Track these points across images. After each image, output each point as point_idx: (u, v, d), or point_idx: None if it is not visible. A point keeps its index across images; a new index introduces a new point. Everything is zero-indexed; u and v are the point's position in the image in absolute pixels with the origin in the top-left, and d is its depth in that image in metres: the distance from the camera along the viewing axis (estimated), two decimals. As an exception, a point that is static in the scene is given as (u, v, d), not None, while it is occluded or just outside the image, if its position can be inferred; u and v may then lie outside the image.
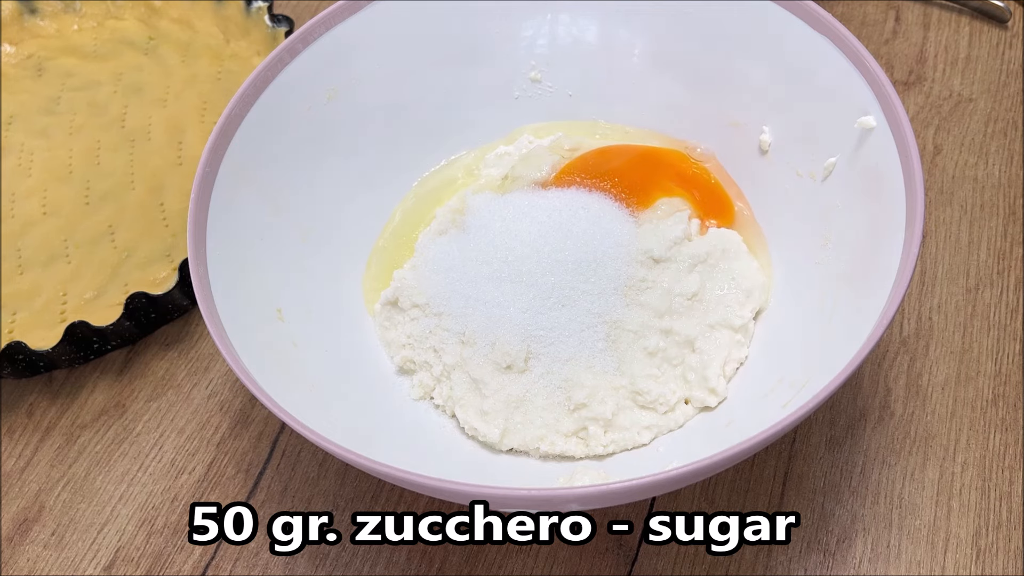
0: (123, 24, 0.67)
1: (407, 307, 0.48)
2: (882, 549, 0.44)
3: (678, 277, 0.46)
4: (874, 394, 0.47)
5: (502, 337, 0.44)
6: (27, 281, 0.55)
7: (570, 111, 0.54)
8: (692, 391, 0.44)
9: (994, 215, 0.53)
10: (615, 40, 0.52)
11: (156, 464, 0.50)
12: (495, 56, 0.53)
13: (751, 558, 0.44)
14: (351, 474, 0.48)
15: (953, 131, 0.56)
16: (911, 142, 0.40)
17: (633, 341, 0.45)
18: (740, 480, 0.46)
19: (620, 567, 0.44)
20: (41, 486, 0.50)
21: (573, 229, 0.46)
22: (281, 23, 0.62)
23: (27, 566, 0.47)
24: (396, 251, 0.51)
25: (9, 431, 0.52)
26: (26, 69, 0.65)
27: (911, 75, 0.59)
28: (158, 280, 0.54)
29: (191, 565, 0.46)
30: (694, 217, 0.48)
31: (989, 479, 0.45)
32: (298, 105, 0.49)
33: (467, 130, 0.54)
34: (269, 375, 0.40)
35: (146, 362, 0.53)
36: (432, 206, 0.52)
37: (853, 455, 0.46)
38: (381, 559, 0.45)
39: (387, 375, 0.48)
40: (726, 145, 0.51)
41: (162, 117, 0.61)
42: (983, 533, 0.43)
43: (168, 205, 0.57)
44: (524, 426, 0.44)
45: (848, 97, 0.44)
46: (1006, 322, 0.49)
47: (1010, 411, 0.46)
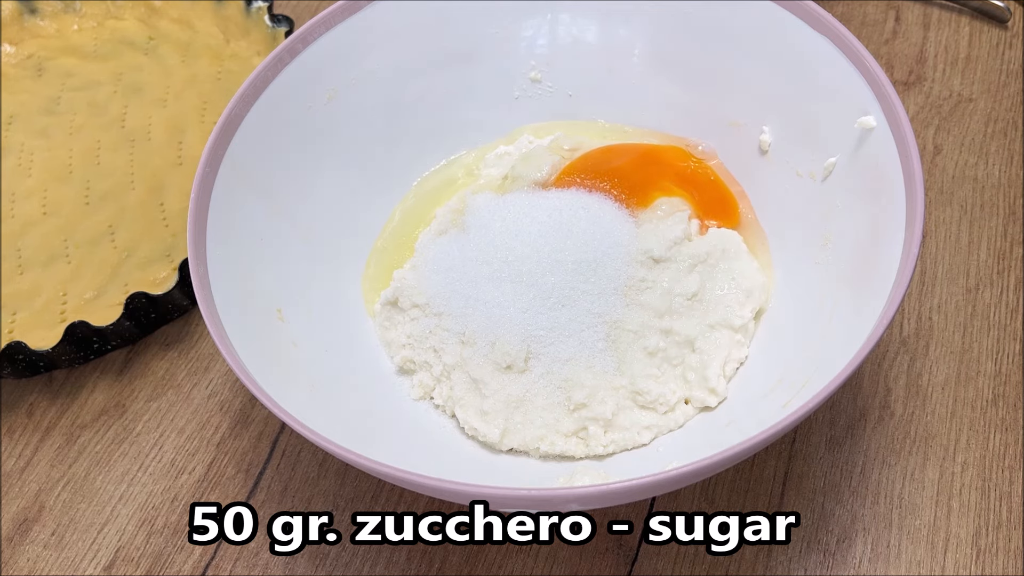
0: (123, 24, 0.67)
1: (407, 307, 0.48)
2: (882, 549, 0.44)
3: (678, 277, 0.46)
4: (874, 394, 0.47)
5: (502, 337, 0.44)
6: (27, 281, 0.55)
7: (570, 111, 0.54)
8: (692, 391, 0.44)
9: (994, 215, 0.53)
10: (615, 40, 0.52)
11: (156, 464, 0.50)
12: (495, 56, 0.53)
13: (751, 558, 0.44)
14: (351, 474, 0.48)
15: (953, 131, 0.56)
16: (911, 142, 0.40)
17: (633, 341, 0.45)
18: (740, 480, 0.46)
19: (620, 567, 0.44)
20: (41, 486, 0.50)
21: (573, 229, 0.46)
22: (281, 23, 0.62)
23: (27, 566, 0.47)
24: (396, 251, 0.51)
25: (9, 431, 0.52)
26: (26, 69, 0.65)
27: (911, 75, 0.59)
28: (158, 280, 0.54)
29: (191, 565, 0.46)
30: (694, 217, 0.48)
31: (989, 479, 0.45)
32: (298, 105, 0.49)
33: (467, 130, 0.54)
34: (269, 375, 0.40)
35: (146, 362, 0.53)
36: (432, 206, 0.52)
37: (853, 455, 0.46)
38: (381, 559, 0.45)
39: (387, 375, 0.48)
40: (726, 145, 0.51)
41: (162, 117, 0.61)
42: (983, 533, 0.43)
43: (168, 205, 0.57)
44: (524, 426, 0.44)
45: (848, 97, 0.44)
46: (1006, 322, 0.49)
47: (1010, 411, 0.46)
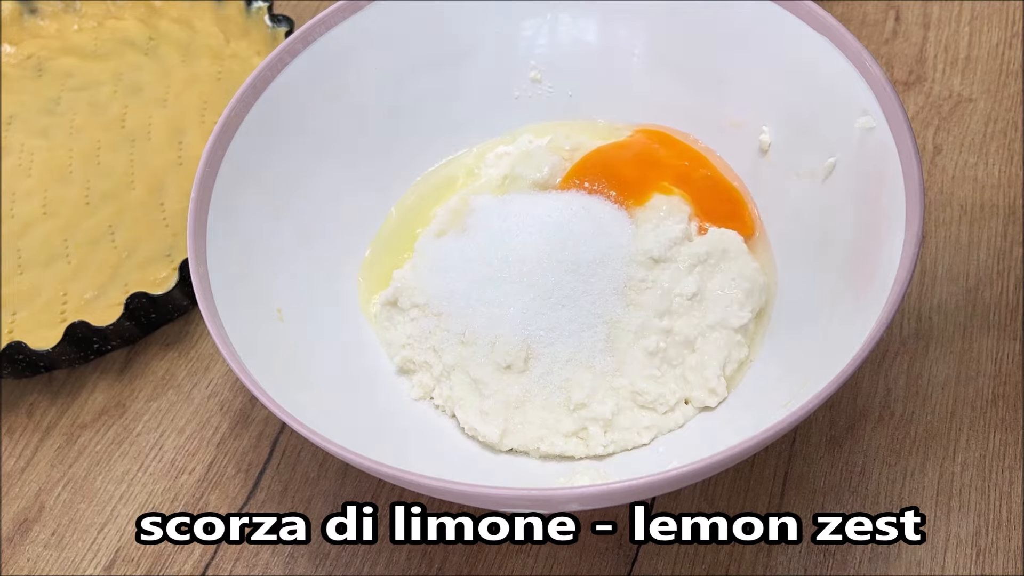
0: (123, 24, 0.67)
1: (407, 307, 0.48)
2: (882, 549, 0.44)
3: (678, 277, 0.46)
4: (874, 394, 0.47)
5: (502, 337, 0.44)
6: (27, 281, 0.55)
7: (570, 111, 0.54)
8: (692, 391, 0.44)
9: (994, 215, 0.53)
10: (615, 40, 0.52)
11: (156, 464, 0.50)
12: (495, 56, 0.53)
13: (751, 558, 0.44)
14: (351, 474, 0.48)
15: (953, 131, 0.56)
16: (911, 142, 0.40)
17: (633, 341, 0.45)
18: (740, 480, 0.46)
19: (620, 567, 0.44)
20: (41, 486, 0.50)
21: (573, 229, 0.46)
22: (281, 23, 0.62)
23: (27, 566, 0.47)
24: (396, 251, 0.51)
25: (9, 431, 0.52)
26: (26, 69, 0.65)
27: (911, 75, 0.59)
28: (158, 280, 0.54)
29: (191, 565, 0.46)
30: (694, 218, 0.48)
31: (989, 479, 0.45)
32: (298, 105, 0.49)
33: (467, 130, 0.54)
34: (269, 375, 0.40)
35: (146, 362, 0.53)
36: (432, 206, 0.52)
37: (853, 455, 0.46)
38: (381, 559, 0.45)
39: (387, 375, 0.48)
40: (726, 145, 0.51)
41: (162, 117, 0.61)
42: (983, 533, 0.43)
43: (168, 205, 0.57)
44: (524, 426, 0.44)
45: (848, 97, 0.44)
46: (1006, 322, 0.49)
47: (1010, 411, 0.46)
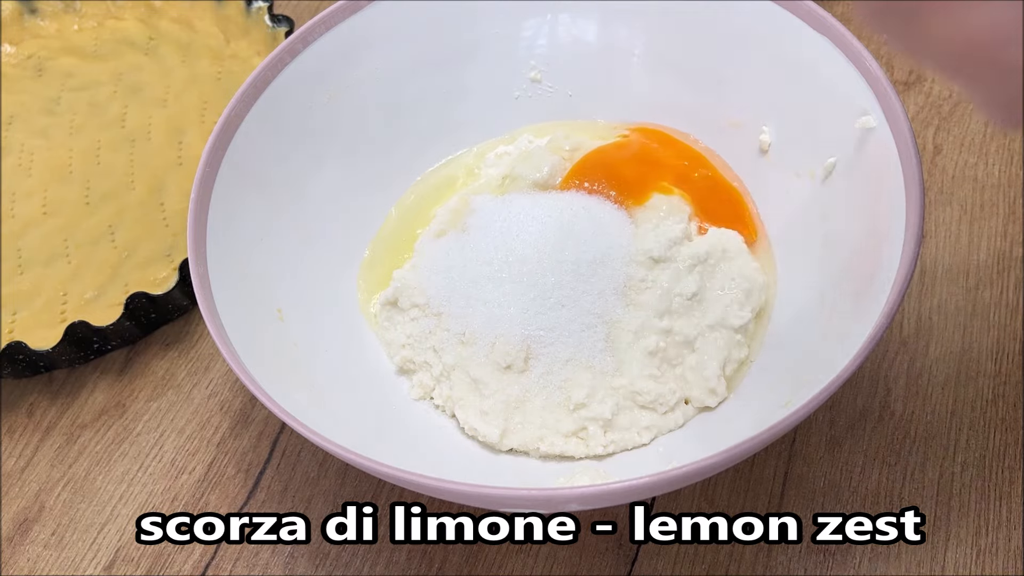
0: (123, 24, 0.67)
1: (407, 307, 0.48)
2: (882, 549, 0.44)
3: (678, 277, 0.46)
4: (874, 394, 0.47)
5: (502, 337, 0.44)
6: (27, 281, 0.55)
7: (570, 111, 0.54)
8: (692, 391, 0.44)
9: (994, 215, 0.53)
10: (615, 40, 0.52)
11: (156, 464, 0.50)
12: (495, 56, 0.53)
13: (751, 558, 0.44)
14: (351, 474, 0.48)
15: (953, 131, 0.56)
16: (911, 142, 0.40)
17: (633, 341, 0.45)
18: (740, 480, 0.46)
19: (620, 567, 0.44)
20: (41, 486, 0.50)
21: (573, 229, 0.46)
22: (281, 23, 0.62)
23: (27, 566, 0.47)
24: (396, 251, 0.51)
25: (9, 431, 0.52)
26: (26, 69, 0.65)
27: (911, 75, 0.59)
28: (158, 280, 0.54)
29: (191, 565, 0.46)
30: (693, 217, 0.48)
31: (989, 479, 0.45)
32: (298, 105, 0.49)
33: (467, 130, 0.54)
34: (269, 375, 0.40)
35: (146, 362, 0.53)
36: (432, 206, 0.52)
37: (853, 455, 0.46)
38: (381, 559, 0.45)
39: (387, 375, 0.48)
40: (726, 145, 0.51)
41: (162, 117, 0.61)
42: (983, 533, 0.43)
43: (168, 205, 0.57)
44: (524, 426, 0.44)
45: (848, 97, 0.44)
46: (1006, 322, 0.49)
47: (1010, 411, 0.46)
